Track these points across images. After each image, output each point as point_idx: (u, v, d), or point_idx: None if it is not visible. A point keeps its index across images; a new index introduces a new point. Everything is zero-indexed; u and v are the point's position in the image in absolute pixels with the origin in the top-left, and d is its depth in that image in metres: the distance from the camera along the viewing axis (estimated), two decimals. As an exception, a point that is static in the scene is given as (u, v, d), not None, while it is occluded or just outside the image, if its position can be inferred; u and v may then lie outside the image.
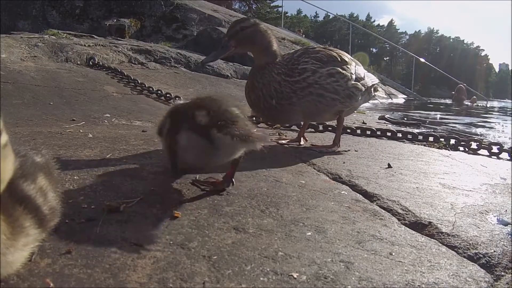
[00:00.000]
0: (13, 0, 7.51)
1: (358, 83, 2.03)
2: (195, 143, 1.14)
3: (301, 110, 1.93)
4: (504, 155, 2.37)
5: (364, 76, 2.12)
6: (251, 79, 1.93)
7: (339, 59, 1.99)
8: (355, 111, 2.89)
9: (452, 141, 2.58)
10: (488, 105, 14.80)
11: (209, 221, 1.02)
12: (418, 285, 0.82)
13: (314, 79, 1.87)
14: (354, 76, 2.00)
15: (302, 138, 2.20)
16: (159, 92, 3.71)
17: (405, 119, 4.68)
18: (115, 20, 7.91)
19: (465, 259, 0.98)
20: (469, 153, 2.42)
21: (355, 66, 2.06)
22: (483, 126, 5.88)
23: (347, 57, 2.05)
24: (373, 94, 2.30)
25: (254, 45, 1.88)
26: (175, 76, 5.08)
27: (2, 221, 0.65)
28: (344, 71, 1.96)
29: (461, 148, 2.52)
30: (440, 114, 7.76)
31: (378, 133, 2.72)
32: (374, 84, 2.26)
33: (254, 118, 2.85)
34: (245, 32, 1.83)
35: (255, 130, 1.12)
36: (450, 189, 1.51)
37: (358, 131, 2.73)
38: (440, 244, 1.04)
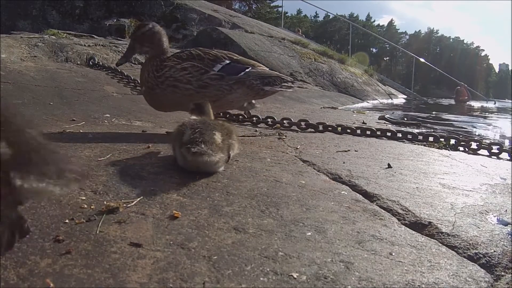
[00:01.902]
0: (13, 0, 7.51)
1: (218, 74, 2.16)
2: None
3: (166, 99, 2.17)
4: (504, 155, 2.37)
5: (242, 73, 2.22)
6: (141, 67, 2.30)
7: (201, 55, 2.18)
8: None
9: (452, 141, 2.58)
10: (483, 106, 14.19)
11: (209, 221, 1.02)
12: (418, 285, 0.82)
13: (170, 73, 2.13)
14: (215, 70, 2.17)
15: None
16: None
17: (405, 119, 4.67)
18: (115, 20, 7.91)
19: (465, 259, 0.98)
20: (469, 153, 2.42)
21: (223, 62, 2.19)
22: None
23: (211, 54, 2.20)
24: (265, 89, 2.28)
25: (152, 43, 2.19)
26: (175, 76, 5.07)
27: None
28: (199, 65, 2.15)
29: (461, 148, 2.51)
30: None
31: (378, 133, 2.71)
32: (256, 77, 2.25)
33: (254, 119, 2.90)
34: (144, 34, 2.16)
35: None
36: (450, 189, 1.51)
37: (358, 131, 2.72)
38: (440, 244, 1.04)
